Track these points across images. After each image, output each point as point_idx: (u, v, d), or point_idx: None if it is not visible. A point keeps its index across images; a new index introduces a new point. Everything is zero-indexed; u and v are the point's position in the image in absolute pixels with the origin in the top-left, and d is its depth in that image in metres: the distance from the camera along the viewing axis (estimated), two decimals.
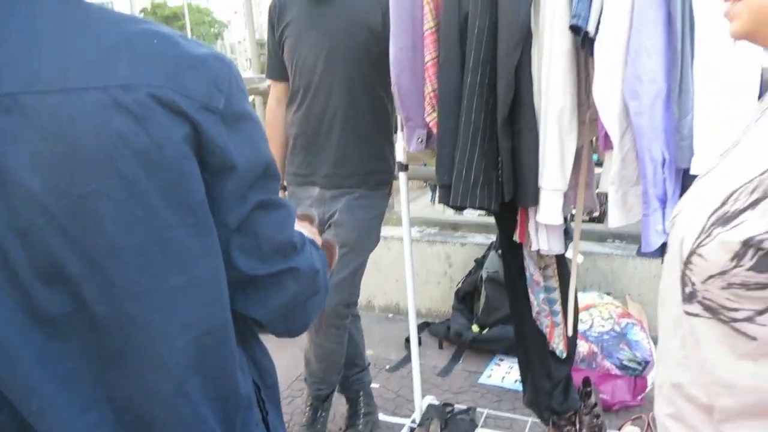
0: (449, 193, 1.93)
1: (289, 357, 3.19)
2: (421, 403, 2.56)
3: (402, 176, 2.34)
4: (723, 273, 0.89)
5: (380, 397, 3.02)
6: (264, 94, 3.68)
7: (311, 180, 2.41)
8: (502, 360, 3.35)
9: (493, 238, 3.58)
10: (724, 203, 0.90)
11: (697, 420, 0.98)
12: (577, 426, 2.29)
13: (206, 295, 0.83)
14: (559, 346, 2.23)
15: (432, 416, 2.39)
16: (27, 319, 0.75)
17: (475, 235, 3.75)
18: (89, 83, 0.73)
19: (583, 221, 2.85)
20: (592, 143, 2.11)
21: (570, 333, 2.27)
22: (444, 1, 1.91)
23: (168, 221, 0.77)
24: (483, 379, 3.22)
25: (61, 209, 0.72)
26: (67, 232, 0.73)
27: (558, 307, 2.25)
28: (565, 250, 3.13)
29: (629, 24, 1.69)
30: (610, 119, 1.71)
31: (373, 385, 2.96)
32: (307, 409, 2.60)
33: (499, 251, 2.96)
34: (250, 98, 3.01)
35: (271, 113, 2.51)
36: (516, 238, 2.13)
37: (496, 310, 3.34)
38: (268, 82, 2.55)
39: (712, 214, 0.91)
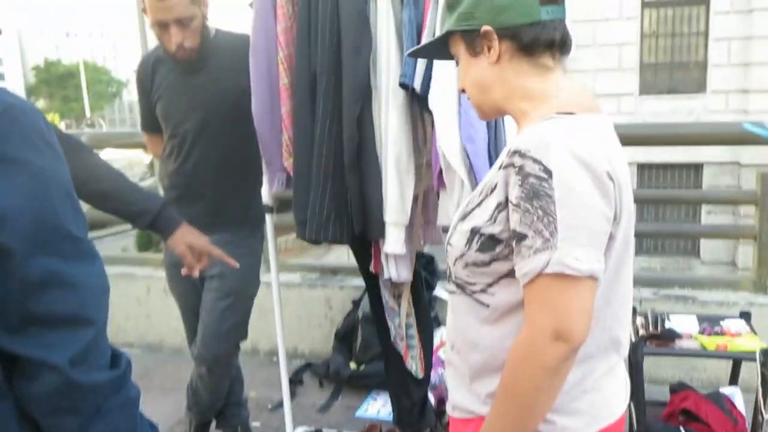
0: (305, 228, 2.17)
1: (171, 402, 3.27)
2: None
3: (268, 218, 2.54)
4: (462, 255, 1.20)
5: None
6: None
7: None
8: (378, 395, 3.55)
9: None
10: (466, 206, 1.23)
11: (460, 376, 1.29)
12: None
13: None
14: (413, 368, 2.47)
15: None
16: None
17: (353, 278, 3.97)
18: None
19: None
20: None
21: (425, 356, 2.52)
22: (297, 60, 2.17)
23: None
24: (360, 413, 3.40)
25: None
26: None
27: (413, 331, 2.50)
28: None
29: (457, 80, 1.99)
30: (455, 160, 1.97)
31: (255, 424, 3.09)
32: None
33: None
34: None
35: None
36: (371, 268, 2.37)
37: (372, 347, 3.54)
38: None
39: (460, 214, 1.24)
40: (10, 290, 0.85)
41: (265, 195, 2.50)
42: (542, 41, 1.19)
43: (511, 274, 1.13)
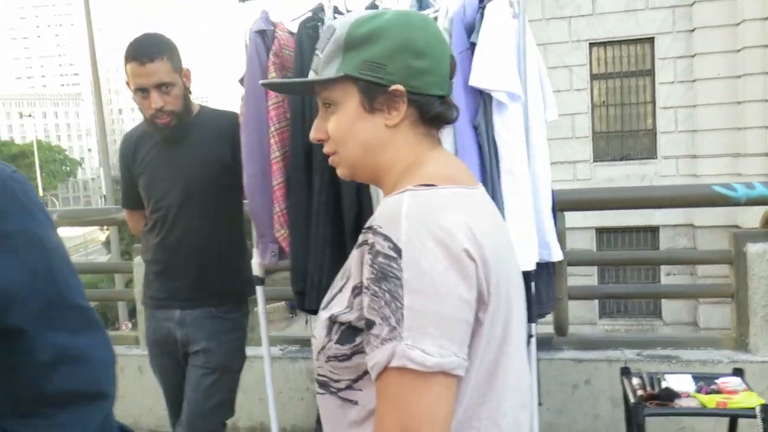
0: (304, 298, 2.15)
1: None
2: None
3: (259, 290, 2.51)
4: (323, 348, 1.04)
5: None
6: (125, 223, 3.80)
7: (170, 303, 2.48)
8: None
9: None
10: (330, 292, 1.08)
11: None
12: None
13: None
14: None
15: None
16: None
17: None
18: None
19: None
20: None
21: None
22: (291, 134, 2.20)
23: None
24: None
25: None
26: None
27: None
28: None
29: (454, 149, 2.05)
30: None
31: None
32: None
33: None
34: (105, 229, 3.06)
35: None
36: None
37: None
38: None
39: (324, 301, 1.09)
40: (22, 372, 0.80)
41: (256, 267, 2.48)
42: (443, 117, 1.09)
43: None
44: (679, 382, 2.39)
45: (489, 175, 1.99)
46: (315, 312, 2.25)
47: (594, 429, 3.35)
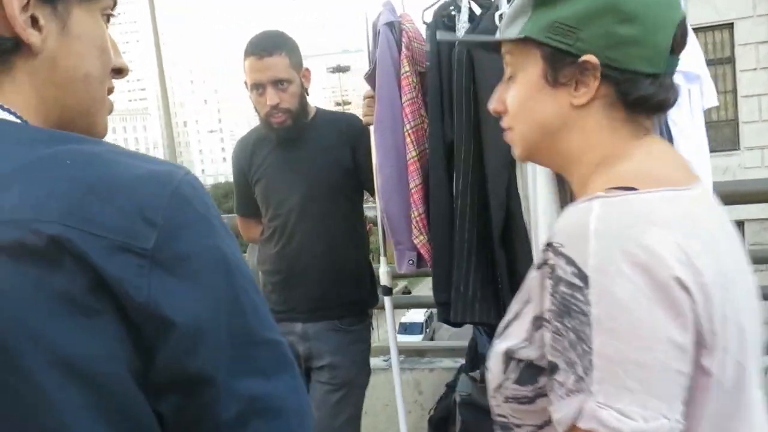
0: (449, 310, 1.98)
1: None
2: None
3: (387, 300, 2.37)
4: (500, 386, 0.86)
5: None
6: None
7: (291, 316, 2.36)
8: None
9: (461, 361, 3.58)
10: (505, 318, 0.90)
11: None
12: None
13: None
14: None
15: None
16: None
17: (442, 359, 3.75)
18: None
19: None
20: None
21: None
22: (430, 131, 2.05)
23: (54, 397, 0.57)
24: None
25: None
26: None
27: None
28: None
29: None
30: None
31: None
32: None
33: (470, 373, 3.01)
34: None
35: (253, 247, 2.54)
36: None
37: None
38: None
39: (500, 328, 0.90)
40: (204, 429, 0.62)
41: (384, 276, 2.34)
42: (654, 102, 0.86)
43: None
44: None
45: None
46: (460, 325, 2.11)
47: None
